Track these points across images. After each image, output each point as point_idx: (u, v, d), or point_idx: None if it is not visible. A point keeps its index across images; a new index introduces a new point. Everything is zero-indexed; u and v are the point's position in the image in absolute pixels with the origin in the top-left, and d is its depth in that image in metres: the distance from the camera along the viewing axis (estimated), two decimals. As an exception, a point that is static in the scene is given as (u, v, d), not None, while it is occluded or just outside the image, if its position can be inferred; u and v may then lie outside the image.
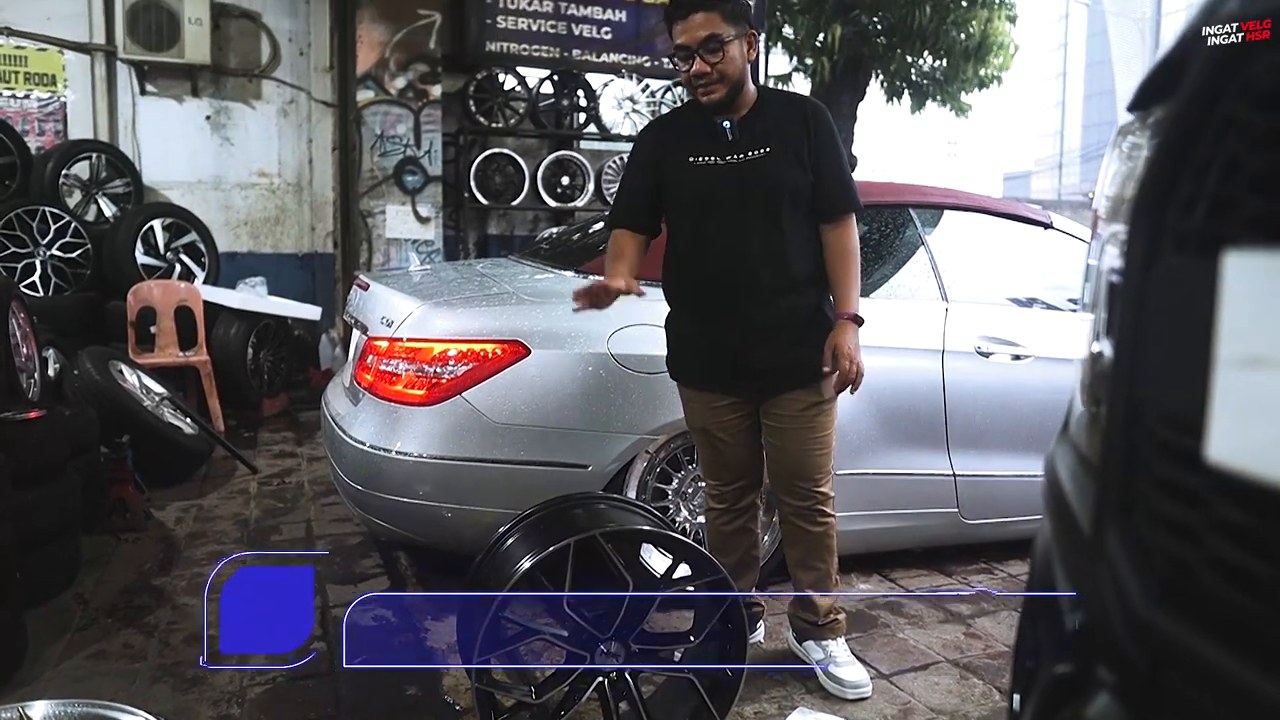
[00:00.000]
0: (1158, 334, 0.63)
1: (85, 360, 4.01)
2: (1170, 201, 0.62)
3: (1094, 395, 0.92)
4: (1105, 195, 0.99)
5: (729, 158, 2.27)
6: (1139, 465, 0.64)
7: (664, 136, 2.40)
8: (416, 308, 2.80)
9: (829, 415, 2.37)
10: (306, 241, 6.87)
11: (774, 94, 2.38)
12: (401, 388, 2.74)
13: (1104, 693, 0.64)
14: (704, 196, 2.29)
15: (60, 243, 5.49)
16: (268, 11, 6.58)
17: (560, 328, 2.75)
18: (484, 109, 6.85)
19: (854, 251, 2.31)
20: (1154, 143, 0.70)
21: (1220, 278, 0.51)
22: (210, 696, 2.31)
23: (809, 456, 2.35)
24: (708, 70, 2.19)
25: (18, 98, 6.09)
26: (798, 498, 2.39)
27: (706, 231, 2.30)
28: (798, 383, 2.32)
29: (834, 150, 2.29)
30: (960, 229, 3.41)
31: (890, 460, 3.05)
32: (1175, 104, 0.64)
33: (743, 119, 2.27)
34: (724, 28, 2.18)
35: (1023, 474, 3.20)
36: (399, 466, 2.73)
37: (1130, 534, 0.64)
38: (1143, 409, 0.64)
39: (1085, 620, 0.72)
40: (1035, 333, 3.23)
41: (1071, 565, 0.78)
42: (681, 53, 2.22)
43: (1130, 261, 0.68)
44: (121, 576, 3.11)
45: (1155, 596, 0.59)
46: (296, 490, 4.14)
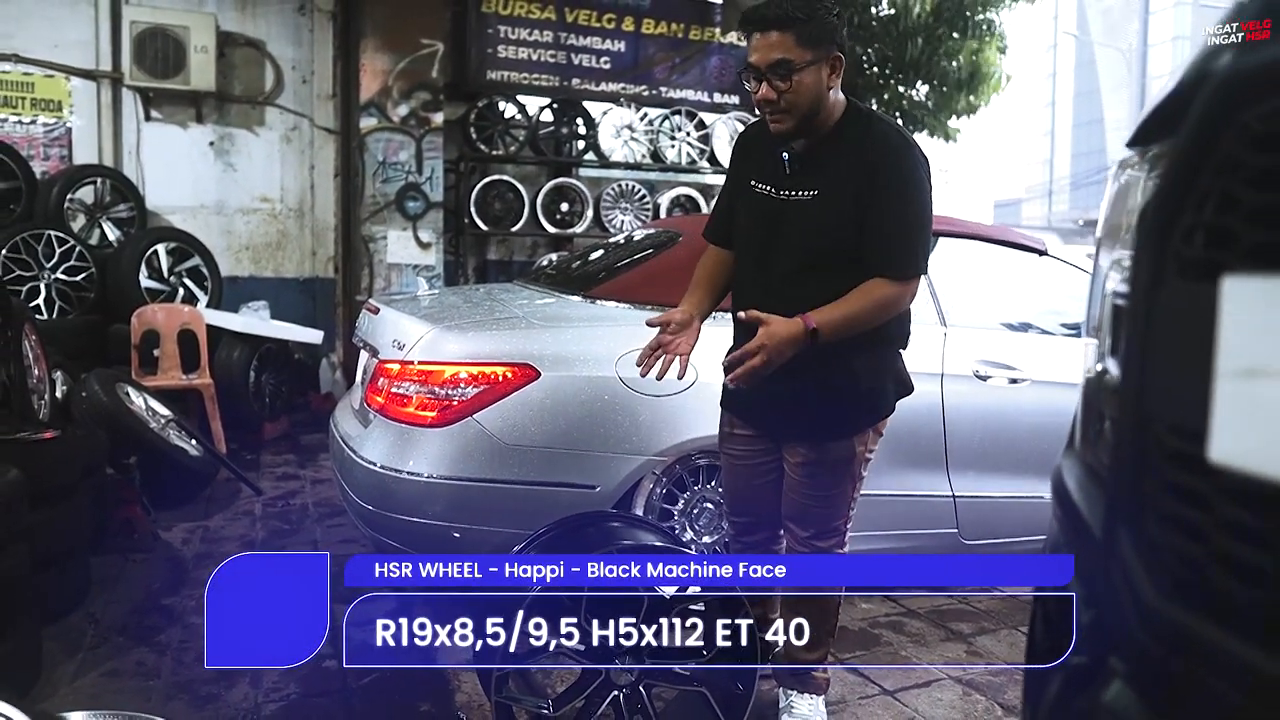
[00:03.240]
0: (1163, 351, 0.69)
1: (93, 382, 4.05)
2: (1173, 231, 0.69)
3: (1098, 411, 0.99)
4: (1105, 225, 1.06)
5: (781, 193, 2.08)
6: (1148, 472, 0.71)
7: (744, 150, 2.24)
8: (428, 331, 2.86)
9: (846, 474, 2.19)
10: (307, 266, 6.93)
11: (859, 124, 2.05)
12: (413, 409, 2.79)
13: (1117, 680, 0.70)
14: (750, 230, 2.15)
15: (65, 266, 5.54)
16: (272, 40, 6.68)
17: (569, 351, 2.81)
18: (484, 136, 6.95)
19: (879, 301, 1.98)
20: (1158, 177, 0.77)
21: (1220, 300, 0.58)
22: (225, 713, 2.34)
23: (811, 509, 2.21)
24: (774, 98, 1.97)
25: (24, 123, 6.16)
26: (800, 544, 2.26)
27: (748, 266, 2.17)
28: (813, 436, 2.16)
29: (897, 203, 1.98)
30: (957, 255, 3.49)
31: (890, 481, 3.11)
32: (1179, 142, 0.70)
33: (805, 151, 2.06)
34: (798, 52, 1.93)
35: (1021, 495, 3.26)
36: (410, 487, 2.77)
37: (1141, 534, 0.70)
38: (1150, 420, 0.71)
39: (1097, 616, 0.78)
40: (1031, 357, 3.30)
41: (1082, 567, 0.84)
42: (750, 72, 1.99)
43: (1136, 286, 0.75)
44: (131, 596, 3.14)
45: (1165, 590, 0.65)
46: (301, 512, 4.18)
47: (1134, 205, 0.95)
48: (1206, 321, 0.61)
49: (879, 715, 2.39)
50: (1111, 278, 0.96)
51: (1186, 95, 0.81)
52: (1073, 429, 1.12)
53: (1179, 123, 0.83)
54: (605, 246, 4.05)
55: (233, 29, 6.50)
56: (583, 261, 3.96)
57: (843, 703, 2.44)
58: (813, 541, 2.26)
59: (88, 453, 3.34)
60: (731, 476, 2.36)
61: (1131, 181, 1.01)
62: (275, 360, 5.86)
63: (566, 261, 4.28)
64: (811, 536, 2.25)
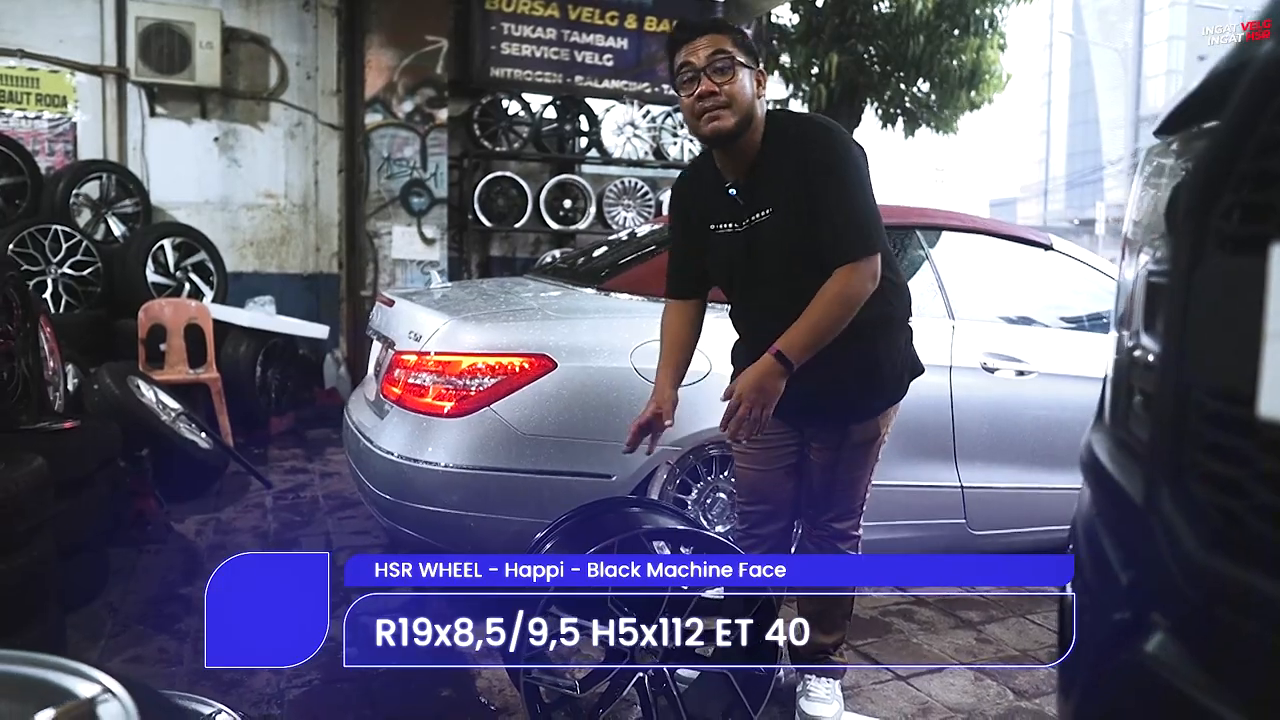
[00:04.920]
0: (1205, 320, 0.73)
1: (104, 375, 4.08)
2: (1214, 209, 0.73)
3: (1128, 388, 1.03)
4: (1137, 208, 1.10)
5: (742, 224, 2.10)
6: (1189, 434, 0.75)
7: (690, 200, 2.24)
8: (445, 323, 2.89)
9: (869, 455, 2.26)
10: (311, 262, 6.95)
11: (782, 133, 2.07)
12: (430, 400, 2.83)
13: (1160, 632, 0.74)
14: (729, 269, 2.17)
15: (71, 261, 5.56)
16: (277, 36, 6.70)
17: (585, 342, 2.85)
18: (488, 133, 6.98)
19: (836, 298, 1.97)
20: (1195, 160, 0.81)
21: (1270, 267, 0.62)
22: (250, 698, 2.37)
23: (834, 494, 2.27)
24: (715, 90, 1.97)
25: (29, 118, 6.17)
26: (817, 527, 2.33)
27: (740, 297, 2.22)
28: (839, 421, 2.21)
29: (833, 190, 1.98)
30: (964, 250, 3.54)
31: (900, 472, 3.15)
32: (1219, 127, 0.75)
33: (748, 180, 2.08)
34: (734, 50, 1.99)
35: (1028, 486, 3.31)
36: (427, 476, 2.81)
37: (1182, 494, 0.74)
38: (1192, 385, 0.75)
39: (1137, 574, 0.82)
40: (1038, 349, 3.35)
41: (1120, 530, 0.88)
42: (686, 73, 2.00)
43: (1176, 262, 0.79)
44: (148, 586, 3.17)
45: (1208, 543, 0.70)
46: (312, 504, 4.21)
47: (1164, 189, 1.00)
48: (1247, 290, 0.65)
49: (893, 700, 2.44)
50: (1141, 260, 1.00)
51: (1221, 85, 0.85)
52: (1100, 407, 1.16)
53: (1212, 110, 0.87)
54: (610, 242, 4.09)
55: (238, 25, 6.52)
56: (588, 257, 3.99)
57: (856, 687, 2.48)
58: (832, 524, 2.31)
59: (103, 444, 3.37)
60: (749, 467, 2.37)
61: (1161, 167, 1.05)
62: (281, 355, 5.89)
63: (572, 257, 4.32)
64: (831, 519, 2.30)
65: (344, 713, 2.34)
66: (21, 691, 0.92)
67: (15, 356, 2.91)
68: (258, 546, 3.60)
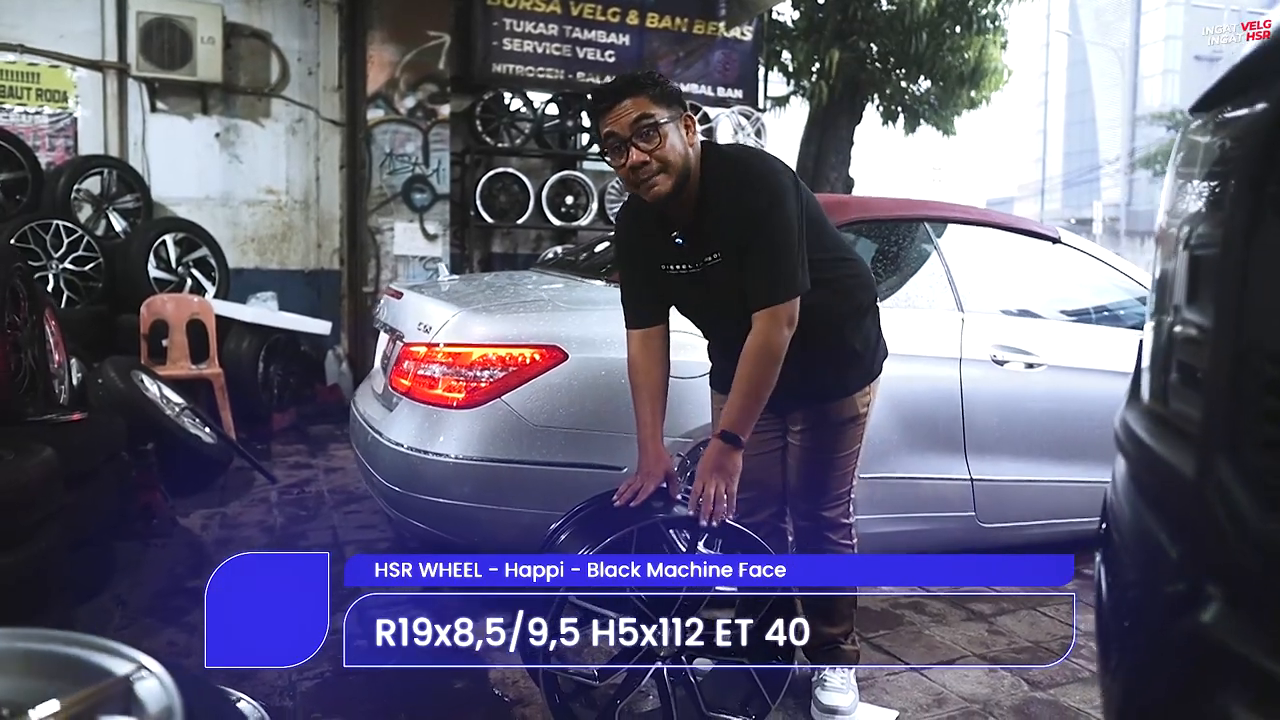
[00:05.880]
0: (1264, 286, 0.73)
1: (109, 369, 4.06)
2: (1272, 177, 0.73)
3: (1165, 364, 1.02)
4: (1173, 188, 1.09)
5: (692, 267, 2.10)
6: (1245, 403, 0.74)
7: (636, 241, 2.20)
8: (455, 314, 2.88)
9: (848, 435, 2.26)
10: (312, 258, 6.93)
11: (720, 178, 2.04)
12: (441, 391, 2.82)
13: (1215, 601, 0.73)
14: (685, 302, 2.20)
15: (73, 256, 5.54)
16: (278, 32, 6.69)
17: (596, 334, 2.84)
18: (490, 129, 6.97)
19: (758, 358, 1.99)
20: (1252, 129, 0.80)
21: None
22: (261, 690, 2.36)
23: (816, 477, 2.27)
24: (646, 159, 1.93)
25: (29, 113, 6.15)
26: (806, 518, 2.32)
27: (704, 330, 2.29)
28: (815, 400, 2.24)
29: (761, 237, 1.98)
30: (973, 242, 3.53)
31: (909, 464, 3.15)
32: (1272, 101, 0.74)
33: (691, 224, 2.06)
34: (657, 109, 1.94)
35: (1037, 479, 3.31)
36: (437, 468, 2.80)
37: (1241, 463, 0.74)
38: (1249, 352, 0.74)
39: (1186, 547, 0.81)
40: (1047, 342, 3.35)
41: (1165, 504, 0.87)
42: (612, 143, 1.96)
43: (1231, 230, 0.78)
44: (155, 580, 3.16)
45: (1268, 510, 0.69)
46: (317, 499, 4.19)
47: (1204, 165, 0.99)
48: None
49: (907, 690, 2.43)
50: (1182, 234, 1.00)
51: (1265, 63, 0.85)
52: (1134, 386, 1.16)
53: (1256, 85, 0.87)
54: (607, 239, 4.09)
55: (239, 20, 6.50)
56: (591, 252, 3.97)
57: (871, 678, 2.48)
58: (819, 512, 2.31)
59: (109, 438, 3.35)
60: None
61: (1196, 145, 1.05)
62: (284, 351, 5.88)
63: (575, 252, 4.31)
64: (817, 506, 2.30)
65: (356, 705, 2.33)
66: (59, 669, 0.91)
67: (22, 348, 2.90)
68: (264, 541, 3.59)
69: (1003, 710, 2.37)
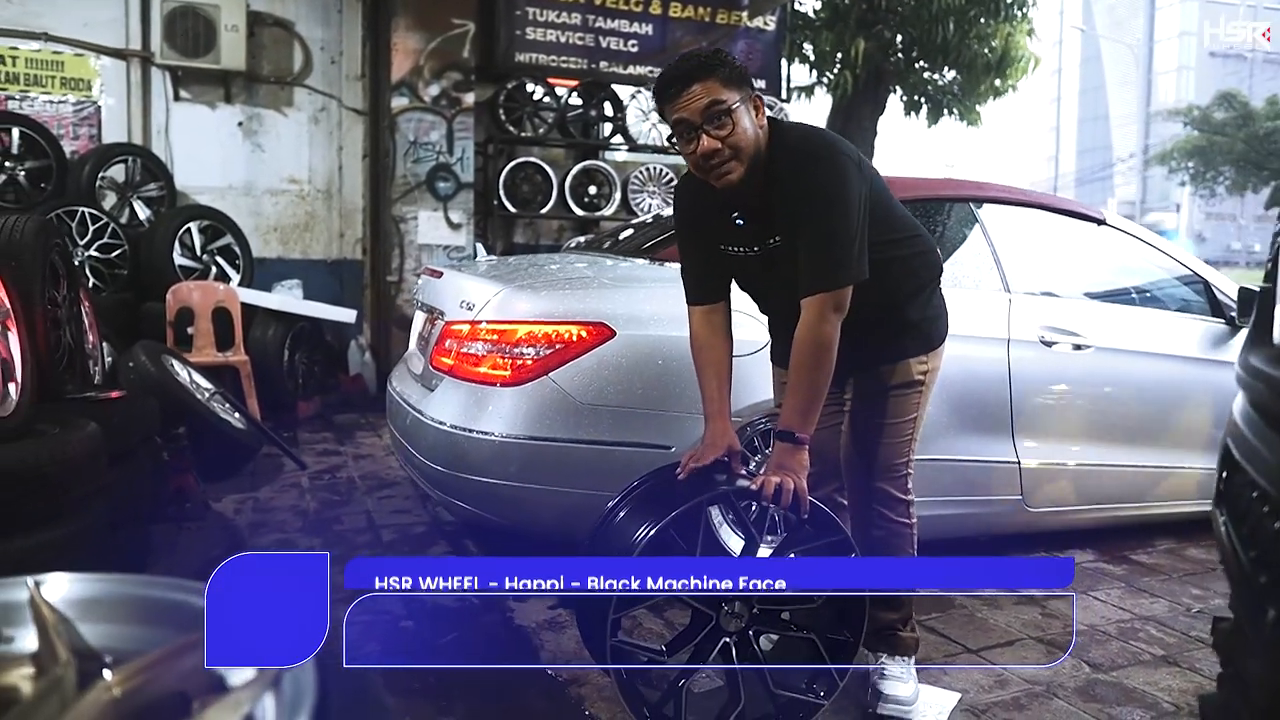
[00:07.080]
0: None
1: (140, 352, 4.02)
2: None
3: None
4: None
5: (755, 249, 2.05)
6: None
7: (696, 220, 2.14)
8: (499, 291, 2.84)
9: (905, 402, 2.18)
10: (335, 248, 6.91)
11: (781, 149, 1.97)
12: (486, 369, 2.78)
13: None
14: (747, 281, 2.18)
15: (98, 244, 5.52)
16: (301, 20, 6.66)
17: (643, 311, 2.79)
18: (513, 118, 6.92)
19: (810, 347, 1.92)
20: None
21: None
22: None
23: (871, 445, 2.20)
24: (718, 147, 1.87)
25: (54, 102, 6.13)
26: (864, 493, 2.23)
27: (765, 307, 2.26)
28: (871, 364, 2.17)
29: (818, 213, 1.91)
30: (1019, 223, 3.47)
31: (956, 446, 3.09)
32: None
33: (753, 206, 2.00)
34: (727, 94, 1.86)
35: (1086, 463, 3.25)
36: (481, 446, 2.75)
37: None
38: None
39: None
40: (1094, 323, 3.29)
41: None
42: (683, 130, 1.89)
43: None
44: (191, 562, 3.12)
45: None
46: (349, 485, 4.16)
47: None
48: None
49: (967, 672, 2.38)
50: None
51: None
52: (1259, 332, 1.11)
53: None
54: (635, 225, 4.04)
55: (262, 9, 6.47)
56: (613, 240, 3.89)
57: (928, 660, 2.42)
58: (873, 483, 2.23)
59: (143, 419, 3.32)
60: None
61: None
62: (308, 340, 5.85)
63: (601, 238, 4.25)
64: (871, 477, 2.22)
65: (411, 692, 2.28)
66: (160, 615, 0.87)
67: (62, 324, 2.86)
68: (299, 524, 3.55)
69: (1066, 692, 2.31)
